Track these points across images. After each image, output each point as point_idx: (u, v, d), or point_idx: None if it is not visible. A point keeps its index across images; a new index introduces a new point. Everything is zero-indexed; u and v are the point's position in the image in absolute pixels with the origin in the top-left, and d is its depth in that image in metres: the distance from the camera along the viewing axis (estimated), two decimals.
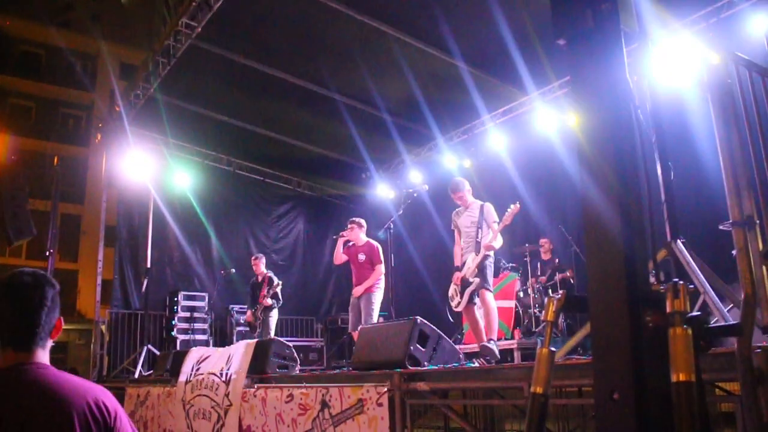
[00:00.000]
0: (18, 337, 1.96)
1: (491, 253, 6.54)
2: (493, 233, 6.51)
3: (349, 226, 8.13)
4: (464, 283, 6.49)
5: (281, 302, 10.08)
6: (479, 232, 6.57)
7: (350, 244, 8.13)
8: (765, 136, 3.26)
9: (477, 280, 6.39)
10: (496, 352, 6.10)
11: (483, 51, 9.01)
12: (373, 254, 7.87)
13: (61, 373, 1.98)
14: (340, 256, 8.08)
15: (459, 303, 6.52)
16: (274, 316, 9.96)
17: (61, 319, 2.07)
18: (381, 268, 7.81)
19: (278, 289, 9.92)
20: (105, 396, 1.98)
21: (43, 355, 2.00)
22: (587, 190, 1.65)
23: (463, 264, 6.63)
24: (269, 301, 9.87)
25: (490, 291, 6.44)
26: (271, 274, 10.21)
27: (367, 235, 8.15)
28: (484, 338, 6.25)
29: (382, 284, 7.80)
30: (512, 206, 6.44)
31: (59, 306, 2.06)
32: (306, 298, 14.25)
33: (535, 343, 8.37)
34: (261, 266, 10.31)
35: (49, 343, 2.03)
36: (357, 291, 7.75)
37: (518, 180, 10.76)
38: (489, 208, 6.72)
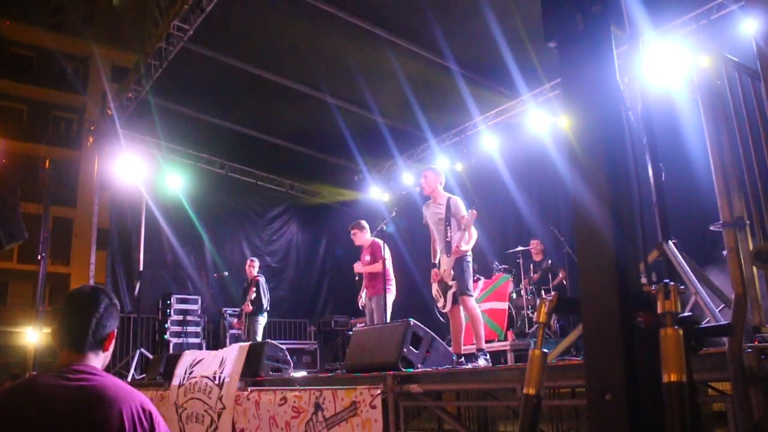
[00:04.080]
0: (72, 339, 2.17)
1: (467, 253, 6.29)
2: (465, 230, 6.19)
3: (352, 232, 8.04)
4: (444, 285, 6.29)
5: (265, 308, 10.06)
6: (447, 230, 6.28)
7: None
8: (754, 137, 3.28)
9: (455, 283, 6.17)
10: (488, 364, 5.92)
11: (475, 54, 9.02)
12: (375, 252, 7.69)
13: (109, 376, 2.16)
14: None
15: (444, 305, 6.31)
16: (260, 321, 9.99)
17: (114, 331, 2.27)
18: (378, 265, 7.51)
19: (253, 296, 9.94)
20: (147, 401, 2.14)
21: (95, 360, 2.19)
22: (579, 192, 1.66)
23: (439, 263, 6.39)
24: (250, 308, 9.92)
25: (471, 296, 6.22)
26: (260, 277, 10.22)
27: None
28: (461, 348, 6.16)
29: (393, 287, 7.59)
30: (469, 212, 6.13)
31: (114, 318, 2.28)
32: (299, 301, 14.24)
33: (528, 344, 8.38)
34: (252, 270, 10.34)
35: (102, 354, 2.23)
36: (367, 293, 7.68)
37: (510, 182, 10.79)
38: (456, 202, 6.40)
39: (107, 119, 11.28)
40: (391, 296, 7.51)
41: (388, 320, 7.37)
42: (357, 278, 7.92)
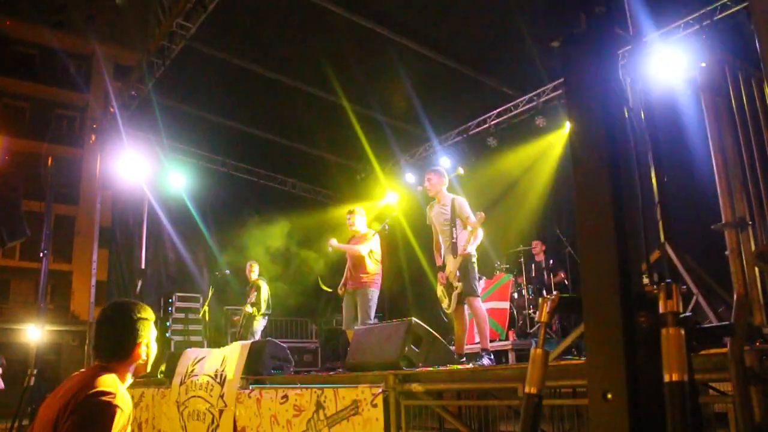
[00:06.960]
0: (94, 350, 2.47)
1: (473, 254, 6.25)
2: (471, 229, 6.15)
3: (351, 217, 7.69)
4: (450, 286, 6.24)
5: (263, 312, 10.07)
6: (453, 231, 6.23)
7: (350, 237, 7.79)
8: (757, 138, 3.28)
9: (460, 285, 6.11)
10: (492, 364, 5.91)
11: (478, 52, 9.02)
12: (373, 244, 7.48)
13: (96, 374, 2.31)
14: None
15: (449, 305, 6.27)
16: (258, 323, 10.05)
17: (140, 344, 2.45)
18: (363, 248, 7.38)
19: (252, 299, 9.97)
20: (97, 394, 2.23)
21: (120, 366, 2.40)
22: (581, 192, 1.66)
23: (445, 264, 6.35)
24: (249, 309, 9.94)
25: (477, 296, 6.20)
26: (261, 281, 10.25)
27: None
28: (464, 348, 6.16)
29: (379, 281, 7.45)
30: (477, 215, 6.09)
31: (138, 330, 2.45)
32: (301, 300, 14.21)
33: (529, 344, 8.37)
34: (252, 273, 10.38)
35: (127, 362, 2.42)
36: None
37: (513, 181, 10.79)
38: (460, 202, 6.34)
39: (110, 117, 11.29)
40: (377, 292, 7.44)
41: (372, 317, 7.34)
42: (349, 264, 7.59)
